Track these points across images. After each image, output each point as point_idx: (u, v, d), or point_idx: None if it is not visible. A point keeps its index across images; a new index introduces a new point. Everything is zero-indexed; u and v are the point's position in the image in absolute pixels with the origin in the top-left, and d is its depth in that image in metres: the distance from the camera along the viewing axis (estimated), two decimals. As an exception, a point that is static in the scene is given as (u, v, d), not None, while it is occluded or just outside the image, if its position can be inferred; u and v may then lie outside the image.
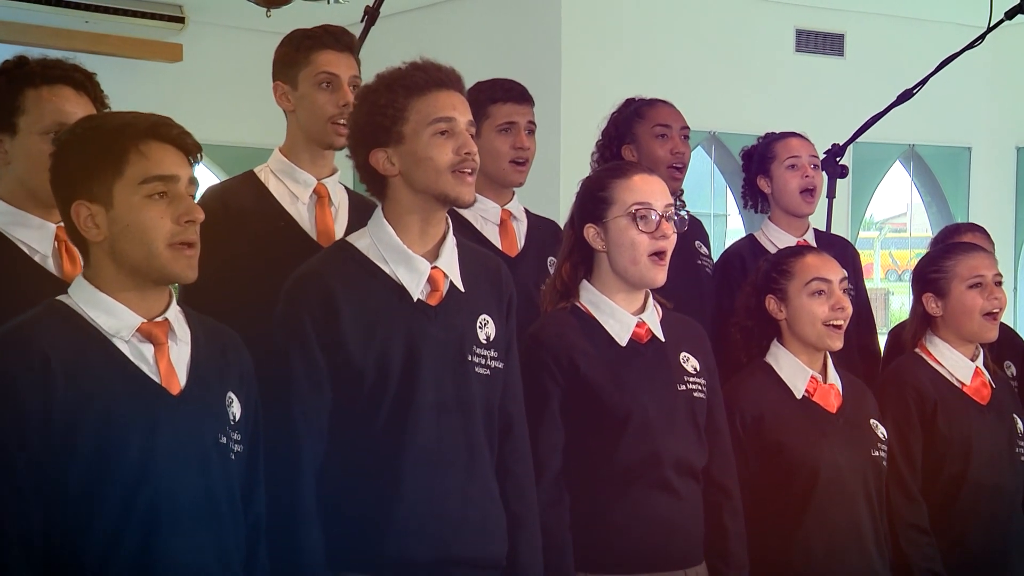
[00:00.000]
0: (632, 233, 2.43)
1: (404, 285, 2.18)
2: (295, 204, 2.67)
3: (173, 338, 1.96)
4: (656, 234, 2.43)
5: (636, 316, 2.49)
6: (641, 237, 2.43)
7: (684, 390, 2.49)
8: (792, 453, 2.69)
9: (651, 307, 2.52)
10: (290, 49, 2.69)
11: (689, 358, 2.53)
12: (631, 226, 2.43)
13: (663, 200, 2.46)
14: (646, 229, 2.43)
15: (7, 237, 2.26)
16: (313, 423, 2.13)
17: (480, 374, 2.23)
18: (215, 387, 1.99)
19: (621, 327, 2.47)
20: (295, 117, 2.69)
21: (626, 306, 2.49)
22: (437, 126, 2.16)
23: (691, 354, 2.54)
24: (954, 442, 2.93)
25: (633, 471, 2.41)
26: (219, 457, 1.96)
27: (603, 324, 2.48)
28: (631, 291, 2.49)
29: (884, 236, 21.65)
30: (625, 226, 2.44)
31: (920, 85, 3.60)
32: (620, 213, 2.45)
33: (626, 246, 2.44)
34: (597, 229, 2.47)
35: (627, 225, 2.44)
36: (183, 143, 1.94)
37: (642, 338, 2.49)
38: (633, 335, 2.48)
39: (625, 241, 2.44)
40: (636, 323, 2.48)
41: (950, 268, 3.03)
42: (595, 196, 2.49)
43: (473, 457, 2.20)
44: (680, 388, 2.49)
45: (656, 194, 2.46)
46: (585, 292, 2.51)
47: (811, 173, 3.34)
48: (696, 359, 2.54)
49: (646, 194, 2.45)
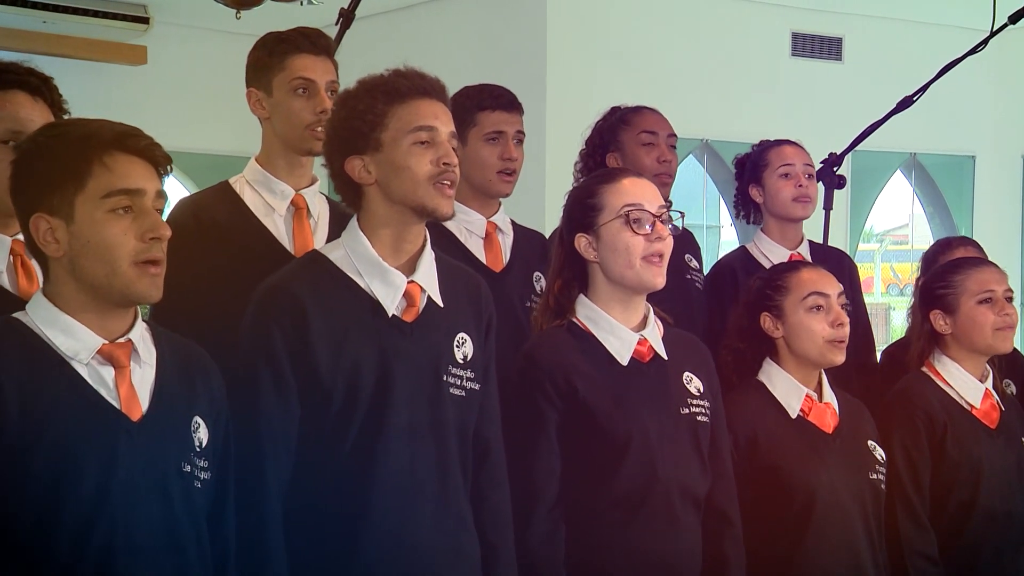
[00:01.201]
0: (626, 236, 2.42)
1: (378, 299, 2.18)
2: (271, 216, 2.67)
3: (137, 360, 1.94)
4: (651, 236, 2.42)
5: (637, 332, 2.48)
6: (636, 239, 2.42)
7: (687, 413, 2.48)
8: (787, 476, 2.69)
9: (652, 323, 2.51)
10: (263, 54, 2.69)
11: (692, 378, 2.52)
12: (624, 229, 2.42)
13: (656, 201, 2.45)
14: (640, 231, 2.42)
15: None
16: (280, 444, 2.13)
17: (455, 395, 2.22)
18: (180, 411, 1.98)
19: (622, 345, 2.46)
20: (270, 125, 2.70)
21: (625, 321, 2.47)
22: (417, 135, 2.16)
23: (694, 374, 2.53)
24: (963, 467, 2.94)
25: (633, 499, 2.39)
26: (182, 486, 1.94)
27: (602, 342, 2.46)
28: (630, 301, 2.47)
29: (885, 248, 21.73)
30: (618, 230, 2.43)
31: (921, 91, 3.63)
32: (611, 217, 2.44)
33: (620, 251, 2.42)
34: (588, 238, 2.47)
35: (620, 228, 2.42)
36: (151, 155, 1.93)
37: (644, 356, 2.47)
38: (634, 353, 2.46)
39: (619, 246, 2.42)
40: (638, 340, 2.47)
41: (959, 283, 3.05)
42: (584, 204, 2.48)
43: (446, 483, 2.20)
44: (683, 411, 2.47)
45: (648, 195, 2.45)
46: (582, 307, 2.49)
47: (805, 183, 3.34)
48: (699, 379, 2.53)
49: (637, 195, 2.44)
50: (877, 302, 17.94)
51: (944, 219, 8.88)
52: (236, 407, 2.11)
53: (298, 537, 2.13)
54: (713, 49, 7.68)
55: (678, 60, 7.53)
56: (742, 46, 7.79)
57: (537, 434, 2.39)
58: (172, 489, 1.93)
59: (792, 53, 8.07)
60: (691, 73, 7.52)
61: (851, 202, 8.21)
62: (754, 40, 7.86)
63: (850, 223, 8.32)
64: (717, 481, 2.53)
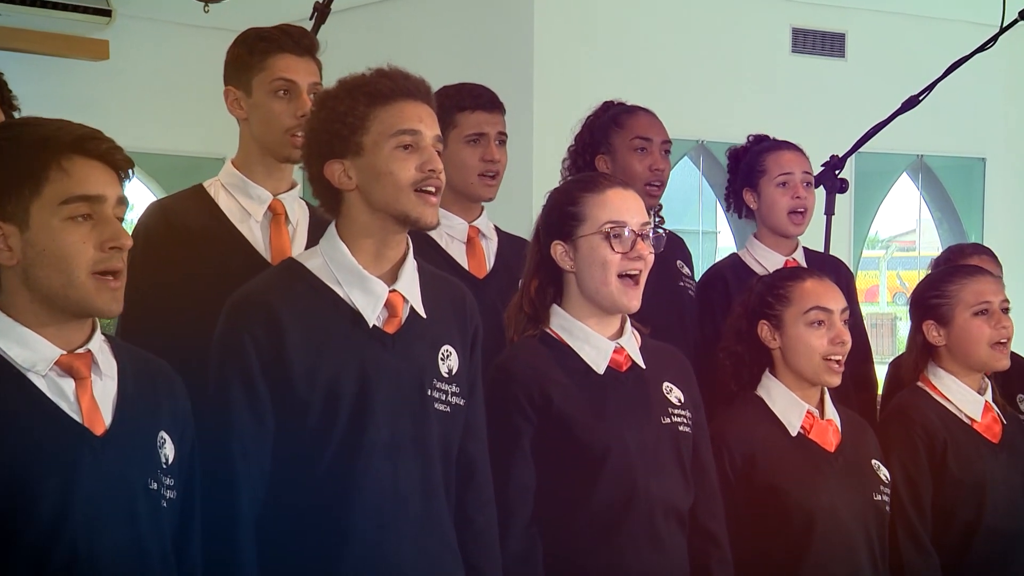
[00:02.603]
0: (604, 252, 2.46)
1: (359, 309, 2.19)
2: (248, 222, 2.67)
3: (97, 372, 1.94)
4: (631, 254, 2.46)
5: (613, 341, 2.51)
6: (613, 257, 2.45)
7: (668, 423, 2.51)
8: (787, 496, 2.70)
9: (629, 331, 2.54)
10: (243, 51, 2.69)
11: (672, 388, 2.55)
12: (603, 245, 2.46)
13: (639, 218, 2.48)
14: (620, 249, 2.45)
15: None
16: (253, 463, 2.13)
17: (440, 411, 2.23)
18: (145, 426, 1.98)
19: (598, 353, 2.49)
20: (248, 126, 2.70)
21: (601, 331, 2.51)
22: (401, 139, 2.17)
23: (674, 384, 2.56)
24: (966, 485, 2.96)
25: (613, 515, 2.41)
26: (149, 505, 1.94)
27: (577, 351, 2.49)
28: (604, 316, 2.51)
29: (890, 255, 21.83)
30: (596, 245, 2.46)
31: (929, 90, 3.64)
32: (592, 231, 2.47)
33: (597, 266, 2.46)
34: (565, 247, 2.50)
35: (599, 244, 2.46)
36: (112, 159, 1.93)
37: (621, 366, 2.51)
38: (611, 362, 2.50)
39: (596, 260, 2.46)
40: (614, 348, 2.50)
41: (953, 293, 3.06)
42: (564, 211, 2.51)
43: (429, 503, 2.21)
44: (664, 421, 2.50)
45: (632, 211, 2.48)
46: (556, 317, 2.53)
47: (803, 193, 3.34)
48: (680, 389, 2.56)
49: (621, 211, 2.47)
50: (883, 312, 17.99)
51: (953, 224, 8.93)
52: (207, 425, 2.11)
53: (273, 561, 2.13)
54: (709, 45, 7.71)
55: (672, 57, 7.56)
56: (739, 42, 7.82)
57: (511, 448, 2.41)
58: (138, 507, 1.92)
59: (792, 49, 8.12)
60: (686, 70, 7.55)
61: (855, 207, 8.25)
62: (752, 36, 7.89)
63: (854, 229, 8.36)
64: (701, 497, 2.55)
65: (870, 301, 18.47)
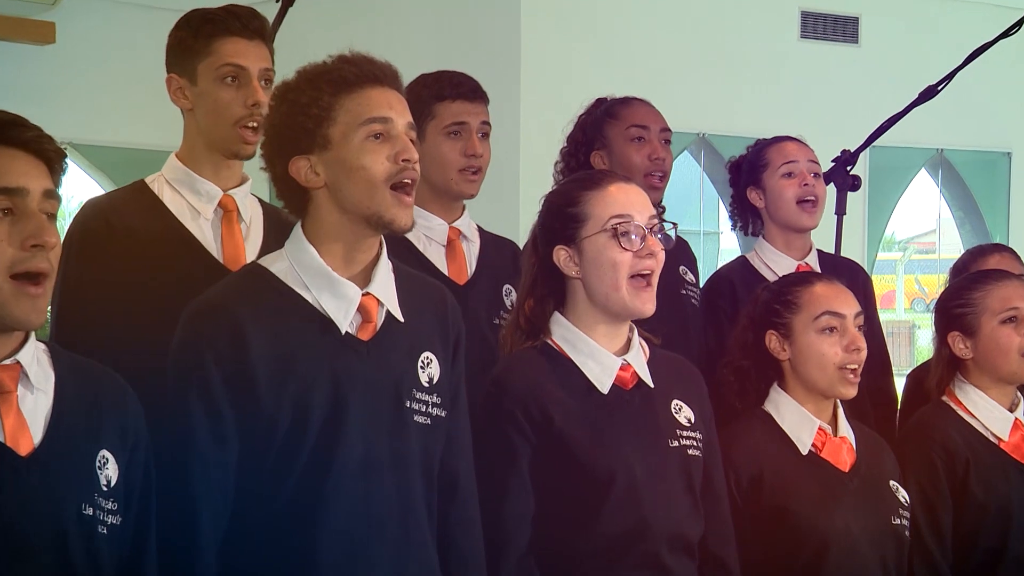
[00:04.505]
0: (612, 252, 2.45)
1: (329, 315, 2.19)
2: (196, 220, 2.67)
3: (27, 386, 1.92)
4: (641, 252, 2.45)
5: (619, 357, 2.50)
6: (623, 256, 2.45)
7: (677, 446, 2.50)
8: (798, 520, 2.71)
9: (636, 346, 2.54)
10: (187, 34, 2.69)
11: (682, 407, 2.55)
12: (611, 244, 2.45)
13: (646, 212, 2.48)
14: (629, 247, 2.45)
15: None
16: (215, 487, 2.12)
17: (419, 424, 2.23)
18: (83, 445, 1.95)
19: (602, 370, 2.48)
20: (194, 117, 2.70)
21: (608, 344, 2.50)
22: (371, 127, 2.17)
23: (684, 402, 2.56)
24: (990, 509, 2.96)
25: (617, 546, 2.40)
26: (82, 532, 1.92)
27: (580, 367, 2.49)
28: (613, 324, 2.50)
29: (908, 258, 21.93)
30: (603, 245, 2.46)
31: (949, 78, 3.65)
32: (596, 230, 2.47)
33: (606, 268, 2.45)
34: (569, 251, 2.49)
35: (606, 243, 2.46)
36: (39, 148, 1.91)
37: (627, 383, 2.50)
38: (616, 379, 2.49)
39: (604, 262, 2.46)
40: (620, 365, 2.50)
41: (978, 301, 3.07)
42: (564, 213, 2.51)
43: (408, 525, 2.20)
44: (672, 444, 2.50)
45: (637, 205, 2.48)
46: (558, 327, 2.52)
47: (811, 181, 3.35)
48: (690, 408, 2.56)
49: (625, 205, 2.47)
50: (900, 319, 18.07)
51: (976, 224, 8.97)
52: (164, 447, 2.10)
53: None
54: (711, 31, 7.73)
55: (670, 42, 7.58)
56: (744, 27, 7.85)
57: (507, 471, 2.41)
58: (70, 536, 1.90)
59: (801, 35, 8.14)
60: (685, 58, 7.57)
61: (869, 206, 8.28)
62: (758, 20, 7.92)
63: (868, 230, 8.39)
64: (712, 524, 2.55)
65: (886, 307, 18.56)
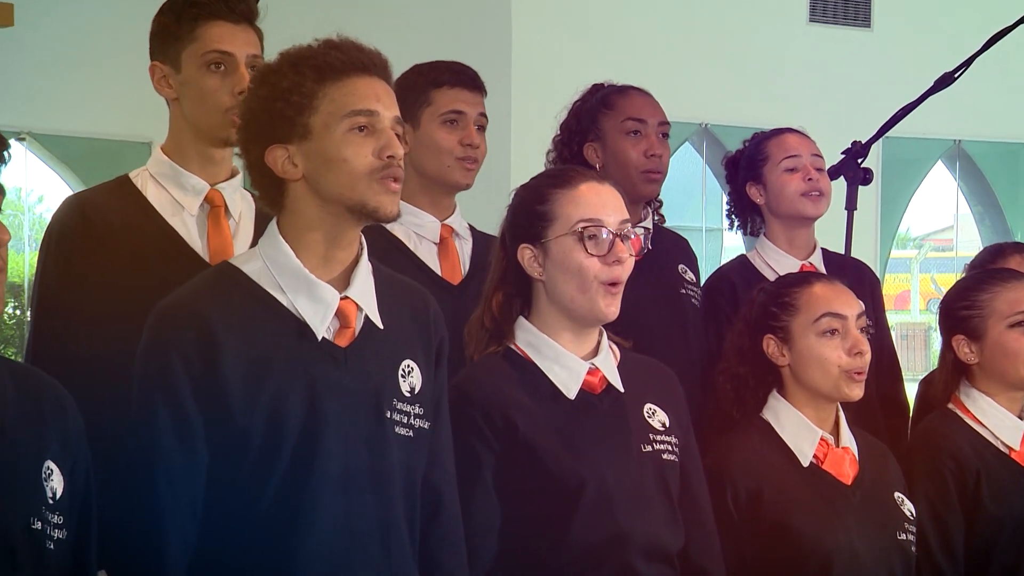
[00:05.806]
0: (578, 256, 2.48)
1: (305, 320, 2.20)
2: (181, 215, 2.68)
3: None
4: (608, 258, 2.48)
5: (587, 361, 2.53)
6: (590, 261, 2.48)
7: (650, 451, 2.53)
8: (799, 536, 2.72)
9: (605, 349, 2.56)
10: (170, 20, 2.70)
11: (656, 411, 2.58)
12: (577, 248, 2.48)
13: (617, 215, 2.50)
14: (596, 252, 2.48)
15: None
16: (183, 501, 2.13)
17: (401, 436, 2.24)
18: (27, 456, 1.95)
19: (569, 375, 2.51)
20: (179, 107, 2.72)
21: (575, 348, 2.53)
22: (355, 119, 2.18)
23: (658, 406, 2.58)
24: (1005, 524, 2.98)
25: (590, 557, 2.43)
26: (31, 547, 1.92)
27: (546, 372, 2.52)
28: (579, 329, 2.53)
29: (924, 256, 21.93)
30: (570, 248, 2.48)
31: (965, 65, 3.65)
32: (563, 232, 2.49)
33: (571, 272, 2.48)
34: (534, 251, 2.52)
35: (572, 247, 2.48)
36: None
37: (595, 388, 2.53)
38: (584, 384, 2.52)
39: (570, 266, 2.48)
40: (587, 370, 2.53)
41: (985, 303, 3.08)
42: (532, 211, 2.53)
43: (389, 544, 2.21)
44: (645, 449, 2.52)
45: (608, 207, 2.50)
46: (522, 332, 2.55)
47: (815, 176, 3.36)
48: (665, 412, 2.59)
49: (596, 207, 2.49)
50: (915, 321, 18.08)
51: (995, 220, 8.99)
52: (128, 454, 2.11)
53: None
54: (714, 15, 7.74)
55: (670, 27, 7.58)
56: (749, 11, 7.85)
57: (471, 480, 2.43)
58: (17, 552, 1.90)
59: (810, 18, 8.15)
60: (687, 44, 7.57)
61: (882, 200, 8.29)
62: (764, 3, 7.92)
63: (881, 226, 8.40)
64: (694, 533, 2.57)
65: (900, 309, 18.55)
